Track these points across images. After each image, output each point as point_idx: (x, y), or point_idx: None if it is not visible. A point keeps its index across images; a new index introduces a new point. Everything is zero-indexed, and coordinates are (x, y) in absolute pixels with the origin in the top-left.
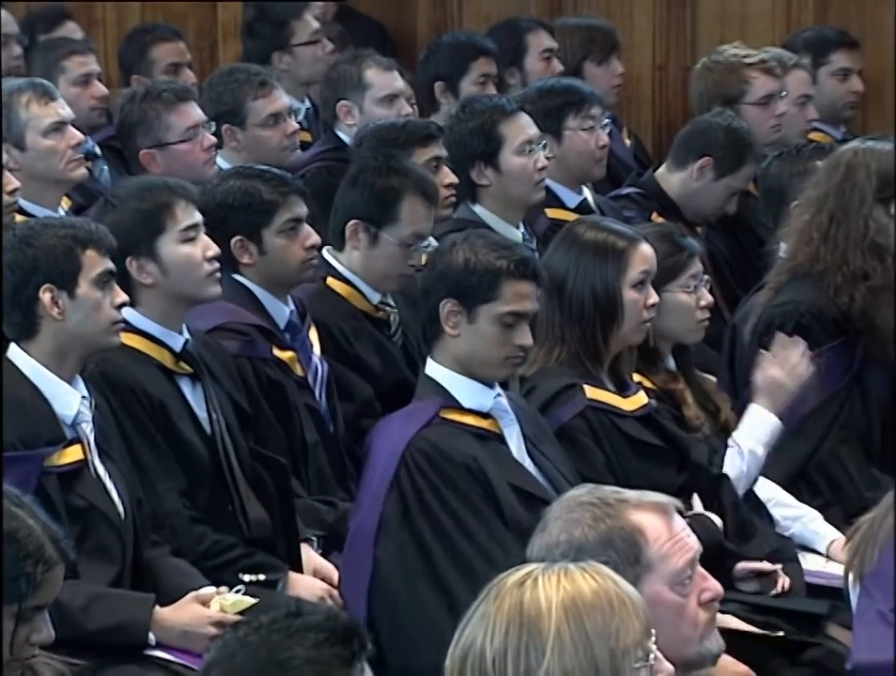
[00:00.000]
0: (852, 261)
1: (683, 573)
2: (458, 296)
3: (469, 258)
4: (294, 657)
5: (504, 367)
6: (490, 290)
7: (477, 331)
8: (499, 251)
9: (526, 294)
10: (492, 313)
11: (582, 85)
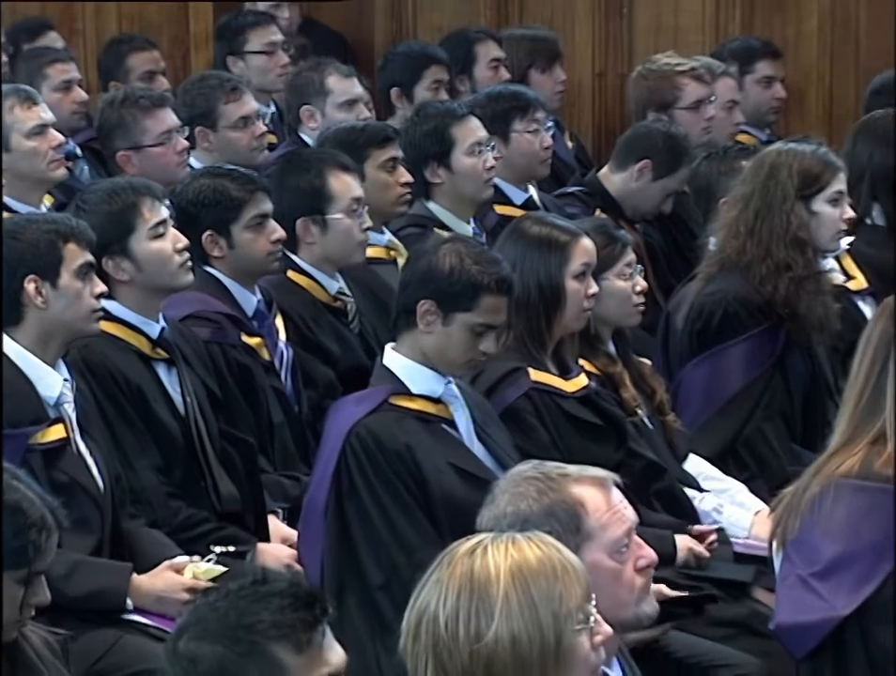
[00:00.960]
0: (775, 254)
1: (620, 541)
2: (438, 299)
3: (454, 267)
4: (260, 621)
5: (465, 368)
6: (469, 301)
7: (449, 334)
8: (482, 265)
9: (499, 308)
10: (467, 321)
11: (528, 91)
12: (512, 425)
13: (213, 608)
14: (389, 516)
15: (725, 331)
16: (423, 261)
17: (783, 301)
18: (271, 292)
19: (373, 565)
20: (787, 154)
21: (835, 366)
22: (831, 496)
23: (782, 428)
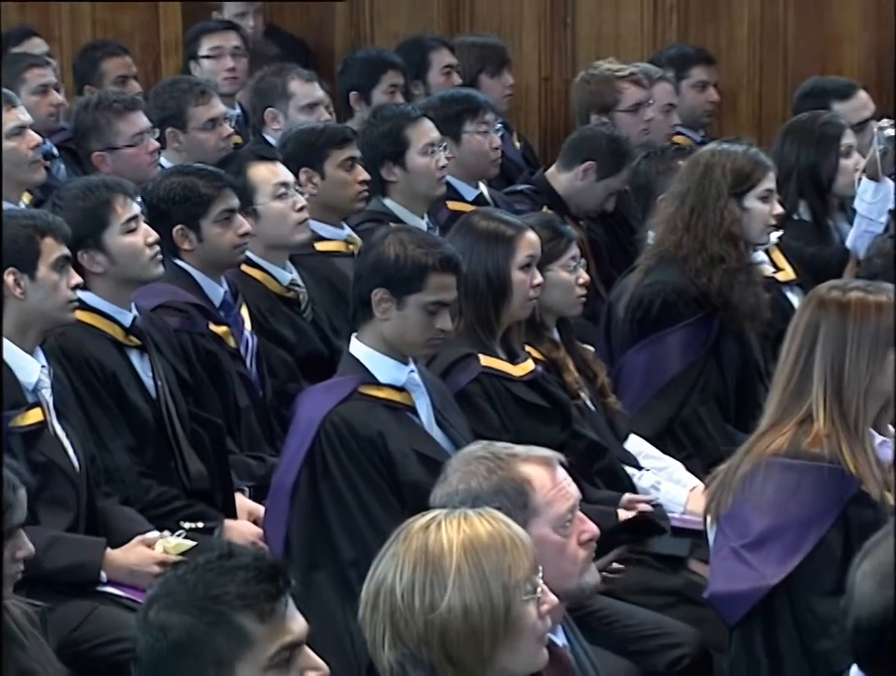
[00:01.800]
0: (710, 247)
1: (565, 517)
2: (389, 286)
3: (399, 254)
4: (226, 593)
5: (427, 347)
6: (418, 282)
7: (405, 317)
8: (425, 247)
9: (448, 285)
10: (419, 302)
11: (478, 95)
12: (464, 408)
13: (182, 581)
14: (361, 498)
15: (663, 320)
16: (371, 253)
17: (717, 292)
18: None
19: (345, 543)
20: (720, 154)
21: (765, 352)
22: (761, 473)
23: (716, 410)
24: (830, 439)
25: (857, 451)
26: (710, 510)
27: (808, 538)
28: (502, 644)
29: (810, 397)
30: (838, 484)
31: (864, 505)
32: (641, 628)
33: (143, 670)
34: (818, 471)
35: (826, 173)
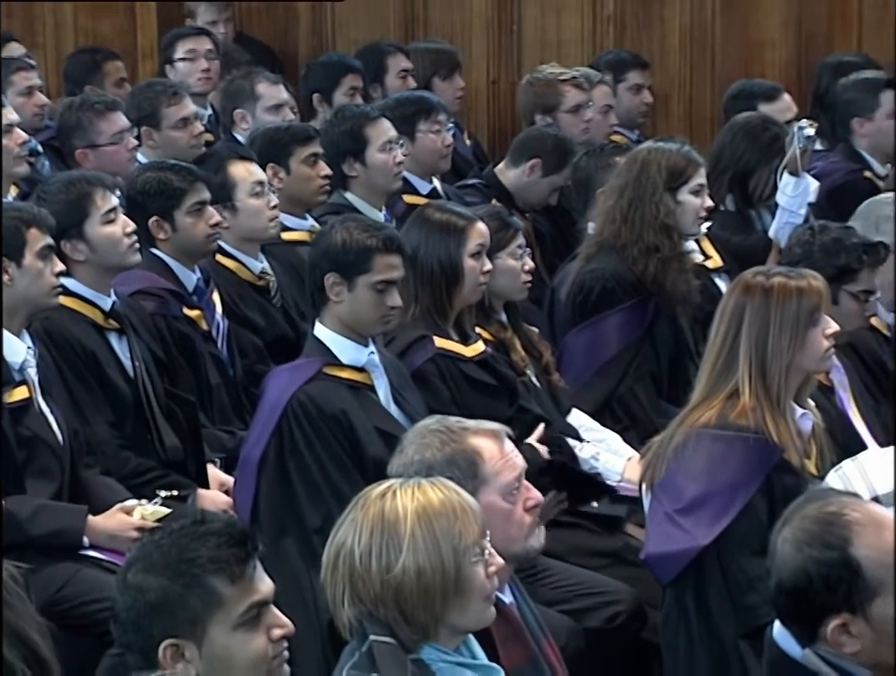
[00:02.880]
0: (646, 237)
1: (511, 485)
2: (339, 270)
3: (345, 239)
4: (199, 556)
5: (380, 324)
6: (365, 264)
7: (356, 298)
8: (369, 231)
9: (394, 265)
10: (367, 282)
11: (431, 97)
12: (419, 386)
13: (158, 545)
14: (326, 471)
15: (602, 304)
16: (321, 242)
17: (652, 278)
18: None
19: (311, 511)
20: (656, 152)
21: (695, 333)
22: (692, 443)
23: (651, 387)
24: (755, 412)
25: (780, 422)
26: (645, 478)
27: (735, 503)
28: (452, 602)
29: (736, 374)
30: (762, 453)
31: (786, 472)
32: (581, 587)
33: (121, 629)
34: (744, 441)
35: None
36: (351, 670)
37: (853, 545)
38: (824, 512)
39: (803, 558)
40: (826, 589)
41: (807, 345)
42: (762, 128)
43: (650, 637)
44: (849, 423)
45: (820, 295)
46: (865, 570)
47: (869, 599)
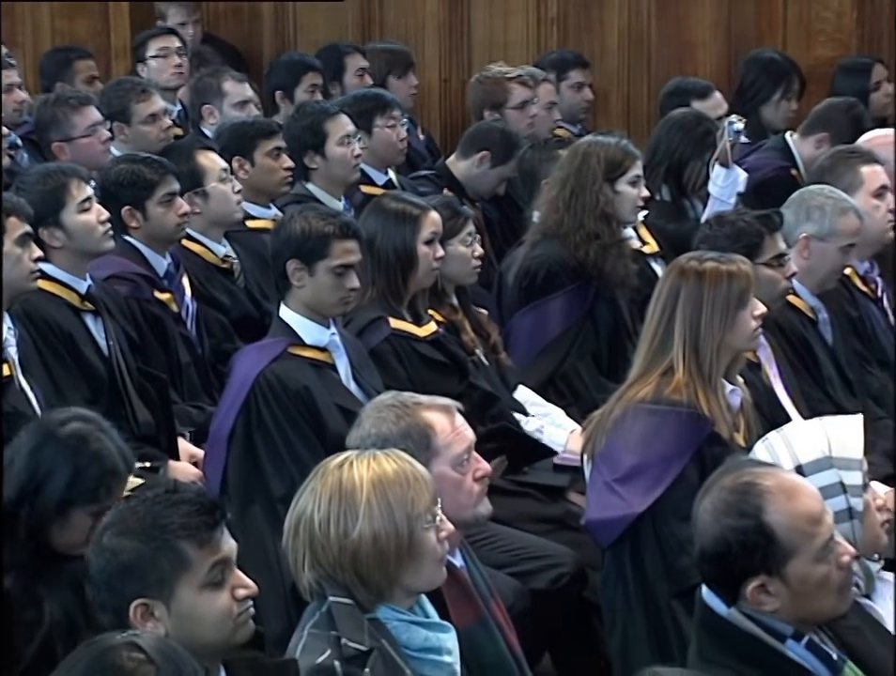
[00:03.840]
0: (587, 225)
1: (462, 456)
2: (300, 257)
3: (304, 227)
4: (171, 523)
5: (341, 305)
6: (323, 249)
7: (317, 282)
8: (326, 219)
9: (351, 249)
10: (327, 267)
11: (387, 94)
12: (376, 364)
13: (132, 511)
14: (290, 443)
15: (547, 287)
16: (281, 232)
17: (593, 263)
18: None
19: (276, 481)
20: (595, 145)
21: (633, 315)
22: (630, 417)
23: (592, 365)
24: (688, 388)
25: (711, 397)
26: (586, 449)
27: (669, 472)
28: (406, 565)
29: (671, 352)
30: (694, 426)
31: (716, 444)
32: (527, 551)
33: (95, 589)
34: (678, 415)
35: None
36: (312, 629)
37: (766, 512)
38: (739, 482)
39: (721, 527)
40: (743, 554)
41: (736, 325)
42: (695, 123)
43: (591, 597)
44: (775, 398)
45: (749, 278)
46: (778, 535)
47: (783, 561)
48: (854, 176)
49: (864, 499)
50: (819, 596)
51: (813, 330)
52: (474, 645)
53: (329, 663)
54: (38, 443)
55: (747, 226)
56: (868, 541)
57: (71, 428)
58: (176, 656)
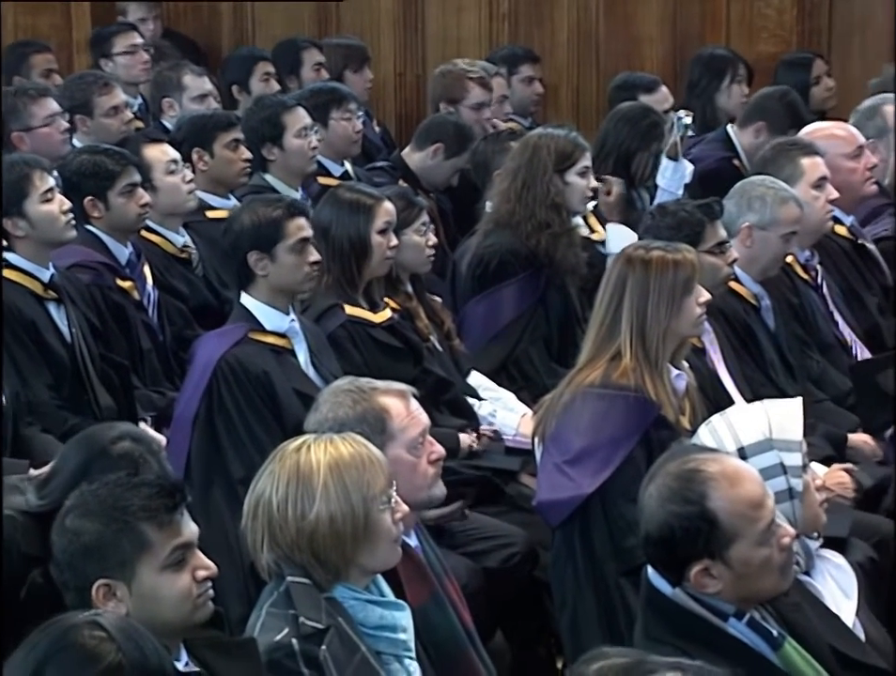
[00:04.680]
0: (538, 215)
1: (416, 440)
2: (257, 246)
3: (254, 218)
4: (132, 505)
5: (308, 281)
6: (278, 232)
7: (280, 265)
8: (272, 204)
9: (302, 225)
10: (285, 246)
11: (343, 87)
12: (333, 350)
13: (94, 494)
14: (250, 427)
15: (499, 275)
16: (233, 228)
17: (544, 252)
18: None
19: (236, 464)
20: (546, 137)
21: (583, 301)
22: (579, 401)
23: (543, 350)
24: (635, 373)
25: (657, 382)
26: (537, 432)
27: (617, 454)
28: (362, 546)
29: (619, 338)
30: (641, 410)
31: (663, 427)
32: (480, 531)
33: (58, 569)
34: (625, 399)
35: (640, 161)
36: (271, 608)
37: (709, 498)
38: (683, 469)
39: (666, 512)
40: (687, 539)
41: (682, 311)
42: (642, 116)
43: (541, 576)
44: (719, 382)
45: (693, 267)
46: (721, 520)
47: (726, 546)
48: (794, 168)
49: (804, 480)
50: (761, 577)
51: (756, 316)
52: (429, 622)
53: (287, 641)
54: (88, 458)
55: (688, 216)
56: (807, 520)
57: (123, 447)
58: (137, 635)
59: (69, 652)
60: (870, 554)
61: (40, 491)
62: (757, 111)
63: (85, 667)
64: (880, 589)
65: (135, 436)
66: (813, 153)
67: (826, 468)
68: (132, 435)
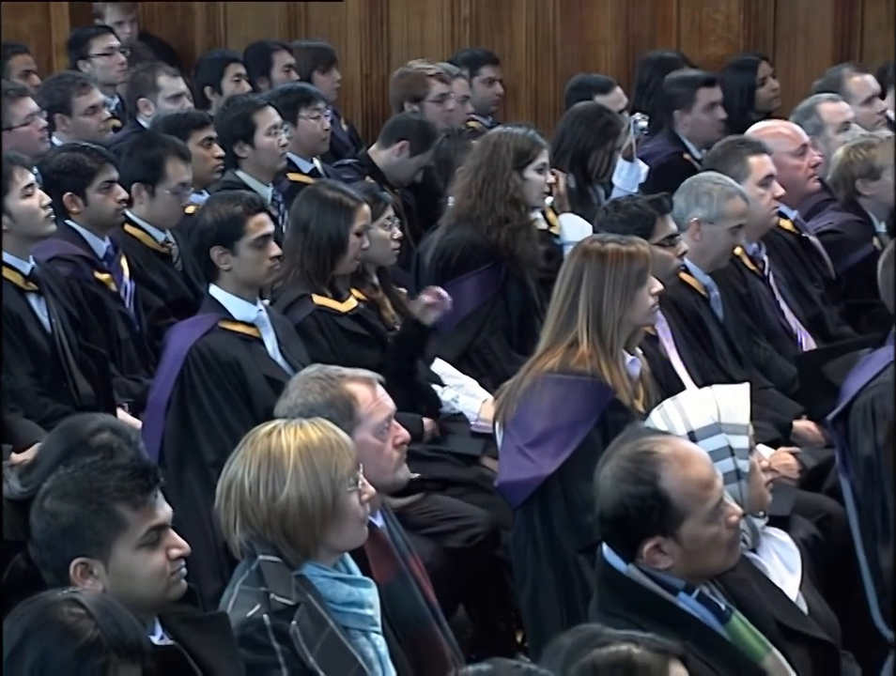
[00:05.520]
0: (498, 210)
1: (382, 425)
2: (220, 242)
3: (216, 215)
4: (107, 486)
5: (270, 274)
6: (239, 229)
7: (242, 259)
8: (233, 201)
9: (262, 222)
10: (246, 243)
11: (311, 88)
12: (301, 338)
13: (71, 477)
14: (221, 412)
15: (461, 268)
16: (197, 224)
17: (504, 245)
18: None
19: (208, 447)
20: (505, 135)
21: (541, 292)
22: (539, 386)
23: (503, 339)
24: (592, 359)
25: (613, 368)
26: (498, 417)
27: (575, 437)
28: (330, 526)
29: (576, 326)
30: (598, 394)
31: (618, 410)
32: (443, 512)
33: (37, 549)
34: (583, 384)
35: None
36: (243, 585)
37: (661, 479)
38: (637, 451)
39: (620, 492)
40: (640, 517)
41: (636, 301)
42: (597, 115)
43: (503, 555)
44: (670, 368)
45: (647, 259)
46: (672, 500)
47: (677, 523)
48: (742, 166)
49: (750, 462)
50: (710, 553)
51: (706, 306)
52: (394, 599)
53: (258, 616)
54: (68, 448)
55: (640, 210)
56: (754, 499)
57: (102, 439)
58: (114, 611)
59: (48, 629)
60: (813, 531)
61: (23, 479)
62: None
63: (65, 642)
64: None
65: (114, 427)
66: (761, 151)
67: (772, 450)
68: (111, 426)
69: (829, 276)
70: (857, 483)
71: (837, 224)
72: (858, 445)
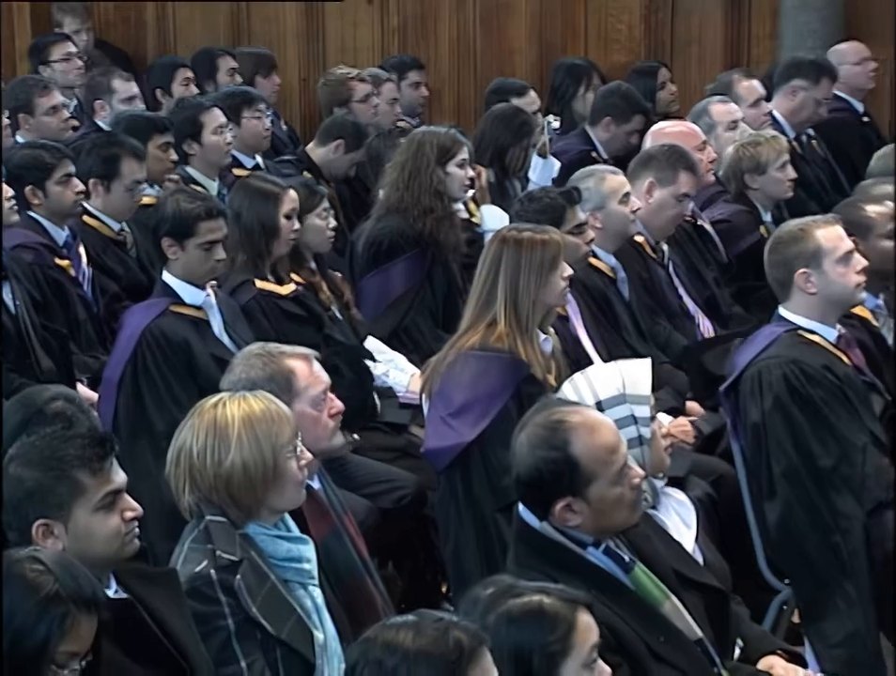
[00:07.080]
0: (423, 201)
1: (319, 397)
2: (171, 235)
3: (174, 209)
4: (67, 454)
5: (210, 274)
6: (191, 229)
7: (188, 256)
8: (195, 202)
9: (215, 228)
10: (195, 243)
11: (254, 91)
12: (245, 319)
13: (33, 445)
14: (171, 387)
15: (390, 254)
16: (158, 211)
17: (429, 233)
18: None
19: (158, 419)
20: (429, 134)
21: (464, 276)
22: (461, 362)
23: (430, 319)
24: (509, 337)
25: (528, 345)
26: (425, 389)
27: (493, 407)
28: (271, 489)
29: (494, 307)
30: (514, 369)
31: (532, 384)
32: (375, 476)
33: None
34: (500, 360)
35: (513, 155)
36: (192, 544)
37: (571, 445)
38: (550, 419)
39: (534, 457)
40: (552, 480)
41: (549, 284)
42: (514, 116)
43: (429, 513)
44: (580, 345)
45: (559, 246)
46: (581, 464)
47: (586, 485)
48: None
49: (651, 429)
50: (615, 512)
51: (613, 287)
52: (329, 554)
53: (206, 571)
54: (25, 417)
55: (552, 201)
56: (654, 463)
57: (57, 406)
58: (72, 568)
59: (12, 584)
60: (707, 490)
61: None
62: (601, 109)
63: (28, 595)
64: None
65: (68, 396)
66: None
67: (671, 417)
68: (65, 395)
69: (722, 261)
70: (746, 447)
71: (728, 214)
72: (747, 413)
